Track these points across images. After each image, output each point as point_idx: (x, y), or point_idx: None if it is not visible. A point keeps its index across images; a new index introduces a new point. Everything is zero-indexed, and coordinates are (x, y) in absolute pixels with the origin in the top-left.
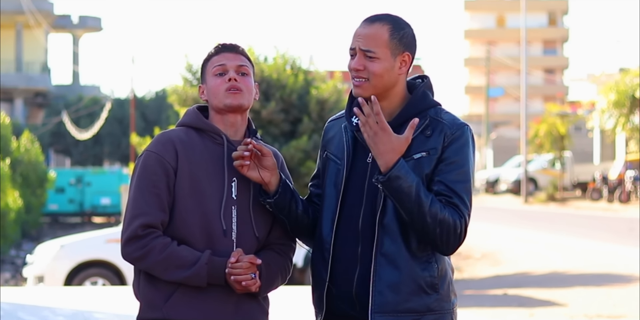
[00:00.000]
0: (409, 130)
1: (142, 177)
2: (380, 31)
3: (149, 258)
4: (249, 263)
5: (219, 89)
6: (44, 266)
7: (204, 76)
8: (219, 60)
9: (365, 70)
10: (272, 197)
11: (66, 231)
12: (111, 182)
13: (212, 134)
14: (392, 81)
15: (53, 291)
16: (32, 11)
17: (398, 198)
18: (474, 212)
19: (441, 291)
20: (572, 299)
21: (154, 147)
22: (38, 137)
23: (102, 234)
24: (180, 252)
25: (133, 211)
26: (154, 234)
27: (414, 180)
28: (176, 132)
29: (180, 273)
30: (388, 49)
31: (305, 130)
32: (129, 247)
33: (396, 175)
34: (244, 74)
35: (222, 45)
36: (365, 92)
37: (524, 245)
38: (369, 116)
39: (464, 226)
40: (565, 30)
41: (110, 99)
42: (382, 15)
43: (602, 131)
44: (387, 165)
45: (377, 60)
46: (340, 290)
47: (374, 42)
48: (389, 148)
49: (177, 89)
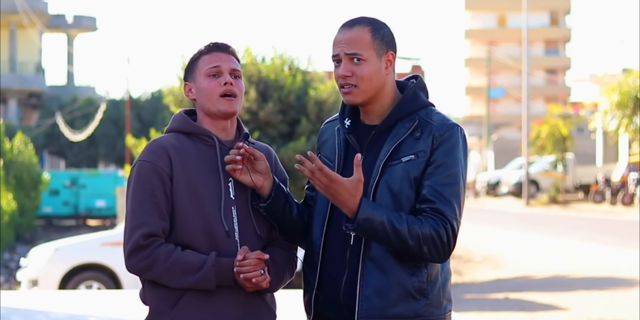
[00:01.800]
0: (357, 169)
1: (137, 187)
2: (361, 33)
3: (155, 267)
4: (256, 259)
5: (213, 92)
6: (38, 270)
7: (193, 74)
8: (213, 60)
9: (353, 76)
10: (265, 201)
11: (61, 234)
12: (106, 184)
13: (203, 136)
14: (380, 83)
15: (47, 295)
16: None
17: (374, 237)
18: (475, 215)
19: (430, 296)
20: (574, 303)
21: (146, 156)
22: (32, 138)
23: (97, 237)
24: (186, 257)
25: (133, 222)
26: (157, 243)
27: (382, 214)
28: (167, 138)
29: (188, 278)
30: (373, 49)
31: (304, 131)
32: (133, 258)
33: (363, 218)
34: (237, 77)
35: (214, 44)
36: (356, 98)
37: (525, 248)
38: (314, 172)
39: (451, 232)
40: (567, 30)
41: (105, 100)
42: (359, 19)
43: (605, 132)
44: (352, 211)
45: (364, 63)
46: (328, 295)
47: (358, 44)
48: (347, 195)
49: (173, 90)
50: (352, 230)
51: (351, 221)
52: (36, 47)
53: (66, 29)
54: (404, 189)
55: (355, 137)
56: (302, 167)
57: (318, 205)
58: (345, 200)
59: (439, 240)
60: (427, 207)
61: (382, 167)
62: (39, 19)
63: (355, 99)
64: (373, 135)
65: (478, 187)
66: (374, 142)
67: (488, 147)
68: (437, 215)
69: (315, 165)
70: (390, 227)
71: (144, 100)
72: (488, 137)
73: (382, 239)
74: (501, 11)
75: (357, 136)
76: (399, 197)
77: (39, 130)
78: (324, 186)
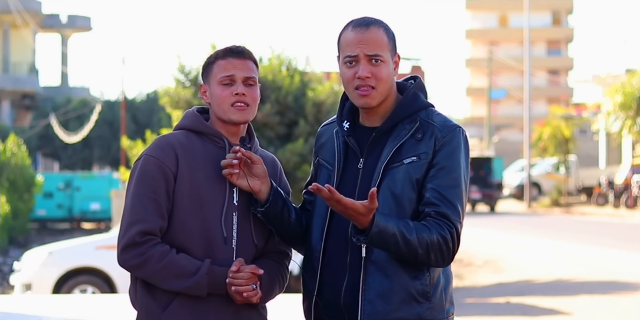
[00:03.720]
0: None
1: (140, 182)
2: (379, 34)
3: (147, 266)
4: (250, 273)
5: (225, 102)
6: (31, 273)
7: (208, 78)
8: (226, 67)
9: (372, 78)
10: (263, 206)
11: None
12: (101, 187)
13: (213, 137)
14: (392, 85)
15: (41, 299)
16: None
17: (387, 248)
18: (475, 218)
19: (433, 299)
20: (577, 307)
21: (153, 151)
22: (25, 140)
23: (91, 241)
24: (180, 261)
25: (131, 217)
26: (153, 242)
27: (394, 226)
28: (176, 135)
29: (180, 283)
30: (389, 51)
31: (302, 133)
32: (126, 254)
33: (376, 231)
34: (251, 84)
35: (229, 48)
36: (373, 101)
37: (527, 252)
38: (329, 200)
39: (456, 235)
40: (569, 30)
41: (100, 101)
42: (370, 19)
43: (608, 134)
44: (363, 225)
45: (382, 64)
46: (328, 299)
47: (379, 46)
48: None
49: (169, 91)
50: (365, 243)
51: (364, 234)
52: (30, 47)
53: (60, 28)
54: (406, 191)
55: (355, 140)
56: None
57: (317, 209)
58: (359, 219)
59: (445, 246)
60: (431, 210)
61: (383, 170)
62: (32, 19)
63: (372, 102)
64: (374, 137)
65: None
66: (375, 144)
67: (489, 149)
68: (442, 219)
69: (332, 197)
70: (401, 237)
71: (139, 101)
72: (489, 139)
73: (392, 249)
74: (502, 11)
75: (356, 139)
76: (400, 199)
77: (32, 132)
78: (339, 210)
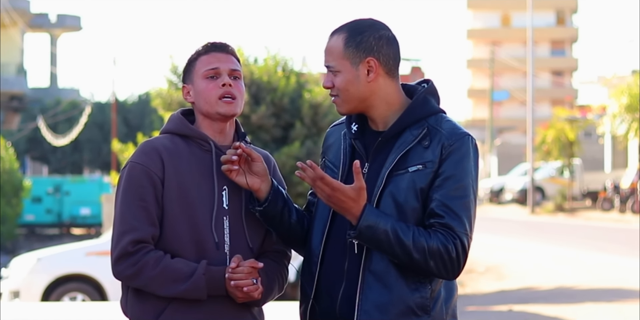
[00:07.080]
0: (357, 176)
1: (127, 190)
2: (335, 43)
3: (142, 274)
4: (250, 268)
5: (212, 95)
6: (19, 280)
7: (191, 76)
8: (210, 61)
9: (334, 87)
10: (262, 204)
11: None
12: (91, 192)
13: (199, 140)
14: (363, 91)
15: (29, 307)
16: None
17: (377, 247)
18: (477, 223)
19: (433, 313)
20: (581, 315)
21: (138, 158)
22: (13, 143)
23: (81, 247)
24: (175, 265)
25: (121, 227)
26: (145, 249)
27: (387, 223)
28: (160, 140)
29: (177, 287)
30: (346, 59)
31: (298, 136)
32: (120, 265)
33: (366, 225)
34: (236, 77)
35: (211, 44)
36: (341, 108)
37: (530, 258)
38: (315, 180)
39: (461, 248)
40: (574, 29)
41: (90, 103)
42: (342, 25)
43: (614, 137)
44: (355, 217)
45: (338, 73)
46: (324, 306)
47: (331, 55)
48: (350, 203)
49: (161, 92)
50: (354, 238)
51: (353, 228)
52: (18, 47)
53: (49, 28)
54: (410, 200)
55: (361, 143)
56: (303, 174)
57: (319, 212)
58: (349, 207)
59: (447, 255)
60: (435, 222)
61: (387, 176)
62: (20, 18)
63: (340, 109)
64: (379, 142)
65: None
66: (380, 149)
67: (491, 152)
68: (446, 230)
69: (316, 174)
70: (394, 237)
71: (130, 103)
72: (491, 142)
73: (386, 249)
74: (505, 10)
75: (363, 142)
76: (404, 208)
77: (20, 135)
78: (326, 195)
